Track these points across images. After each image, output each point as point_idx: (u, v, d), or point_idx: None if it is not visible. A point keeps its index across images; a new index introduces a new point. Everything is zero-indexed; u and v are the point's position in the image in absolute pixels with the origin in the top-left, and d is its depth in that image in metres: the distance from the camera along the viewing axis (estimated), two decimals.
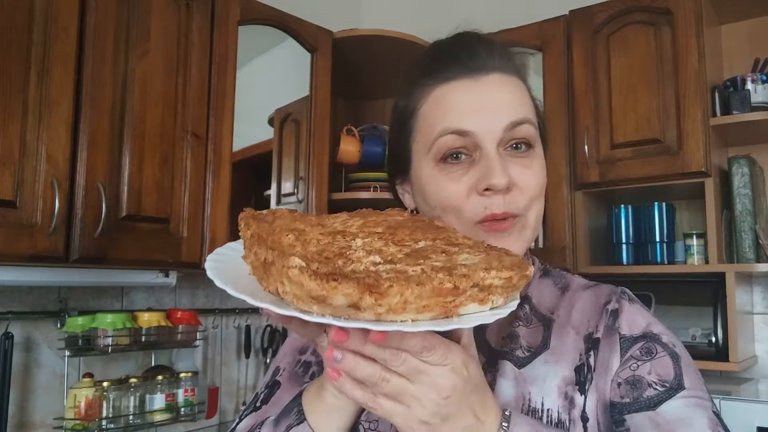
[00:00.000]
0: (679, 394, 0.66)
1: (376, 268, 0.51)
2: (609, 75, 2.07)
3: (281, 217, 0.61)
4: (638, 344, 0.70)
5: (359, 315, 0.48)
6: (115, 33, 1.62)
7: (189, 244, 1.75)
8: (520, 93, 0.72)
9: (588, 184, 2.09)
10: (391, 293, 0.47)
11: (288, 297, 0.50)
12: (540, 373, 0.70)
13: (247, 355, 2.33)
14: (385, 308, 0.48)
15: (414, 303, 0.48)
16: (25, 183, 1.43)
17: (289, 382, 0.80)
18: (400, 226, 0.62)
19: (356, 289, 0.47)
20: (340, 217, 0.64)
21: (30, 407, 1.77)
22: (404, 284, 0.48)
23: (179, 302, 2.16)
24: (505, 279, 0.53)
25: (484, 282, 0.52)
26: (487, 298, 0.53)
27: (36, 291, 1.79)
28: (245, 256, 0.58)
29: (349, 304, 0.48)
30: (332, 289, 0.47)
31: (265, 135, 2.18)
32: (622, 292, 0.77)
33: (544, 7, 2.34)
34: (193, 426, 2.11)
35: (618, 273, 2.09)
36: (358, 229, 0.60)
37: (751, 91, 1.95)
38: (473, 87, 0.70)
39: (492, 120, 0.69)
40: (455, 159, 0.70)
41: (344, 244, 0.56)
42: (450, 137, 0.69)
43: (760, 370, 2.08)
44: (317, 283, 0.47)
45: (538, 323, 0.75)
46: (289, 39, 2.11)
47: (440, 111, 0.71)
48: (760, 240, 1.93)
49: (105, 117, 1.59)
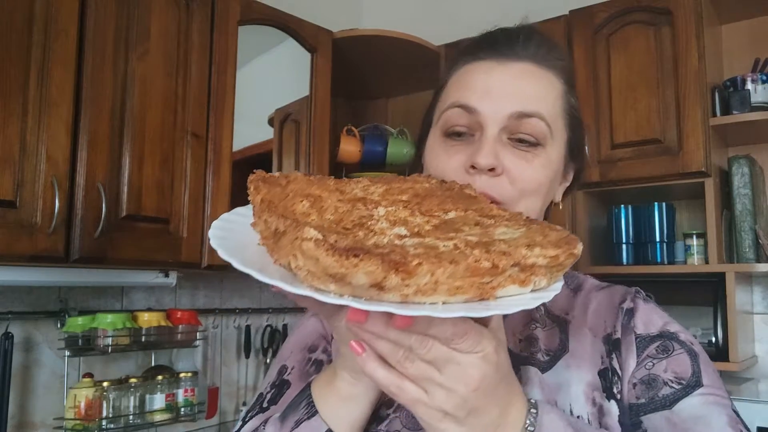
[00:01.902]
0: (696, 392, 0.63)
1: (401, 242, 0.45)
2: (609, 75, 2.07)
3: (295, 181, 0.54)
4: (655, 343, 0.68)
5: (382, 296, 0.42)
6: (115, 33, 1.62)
7: (189, 244, 1.75)
8: (546, 88, 0.69)
9: (588, 184, 2.09)
10: (420, 272, 0.41)
11: (301, 273, 0.43)
12: (564, 379, 0.67)
13: (247, 355, 2.33)
14: (412, 289, 0.42)
15: (446, 283, 0.43)
16: (25, 183, 1.43)
17: (300, 382, 0.74)
18: (428, 195, 0.56)
19: (380, 266, 0.40)
20: (362, 183, 0.58)
21: (30, 407, 1.77)
22: (435, 262, 0.42)
23: (179, 302, 2.15)
24: (551, 257, 0.47)
25: (527, 260, 0.46)
26: (529, 279, 0.46)
27: (36, 291, 1.79)
28: (254, 224, 0.51)
29: (371, 284, 0.41)
30: (353, 267, 0.40)
31: (265, 135, 2.18)
32: (636, 291, 0.75)
33: (544, 7, 2.34)
34: (193, 426, 2.11)
35: (618, 273, 2.09)
36: (381, 196, 0.54)
37: (751, 91, 1.94)
38: (495, 69, 0.69)
39: (500, 104, 0.67)
40: (458, 137, 0.69)
41: (365, 213, 0.49)
42: (456, 111, 0.68)
43: (760, 370, 2.07)
44: (335, 259, 0.40)
45: (553, 325, 0.72)
46: (289, 39, 2.11)
47: (458, 85, 0.71)
48: (760, 240, 1.92)
49: (105, 117, 1.59)
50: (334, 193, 0.53)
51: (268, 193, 0.50)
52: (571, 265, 0.50)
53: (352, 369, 0.58)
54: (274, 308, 2.43)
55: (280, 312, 2.45)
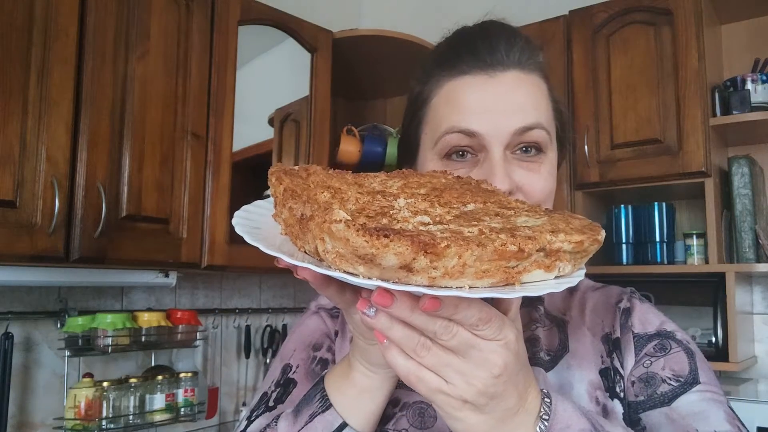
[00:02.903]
0: (694, 389, 0.65)
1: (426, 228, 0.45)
2: (609, 75, 2.07)
3: (315, 174, 0.55)
4: (653, 342, 0.69)
5: (410, 278, 0.42)
6: (115, 33, 1.62)
7: (189, 245, 1.75)
8: (536, 94, 0.69)
9: (588, 184, 2.09)
10: (448, 254, 0.41)
11: (329, 256, 0.43)
12: (566, 379, 0.68)
13: (247, 356, 2.33)
14: (440, 271, 0.42)
15: (473, 266, 0.43)
16: (25, 183, 1.43)
17: (306, 380, 0.74)
18: (446, 188, 0.56)
19: (410, 247, 0.40)
20: (379, 177, 0.59)
21: (30, 407, 1.77)
22: (463, 245, 0.42)
23: (179, 302, 2.16)
24: (575, 243, 0.47)
25: (552, 246, 0.46)
26: (554, 264, 0.47)
27: (36, 291, 1.79)
28: (276, 214, 0.52)
29: (400, 265, 0.41)
30: (383, 247, 0.40)
31: (265, 135, 2.18)
32: (632, 291, 0.76)
33: (544, 6, 2.34)
34: (193, 426, 2.11)
35: (618, 273, 2.09)
36: (399, 190, 0.55)
37: (751, 91, 1.94)
38: (486, 85, 0.67)
39: (501, 123, 0.65)
40: (460, 157, 0.67)
41: (386, 204, 0.49)
42: (456, 136, 0.66)
43: (760, 370, 2.07)
44: (366, 239, 0.40)
45: (552, 325, 0.73)
46: (289, 39, 2.11)
47: (450, 107, 0.68)
48: (760, 240, 1.92)
49: (105, 117, 1.59)
50: (353, 186, 0.53)
51: (290, 183, 0.50)
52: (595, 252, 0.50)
53: (368, 361, 0.58)
54: (273, 308, 2.43)
55: (279, 312, 2.45)
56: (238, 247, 1.82)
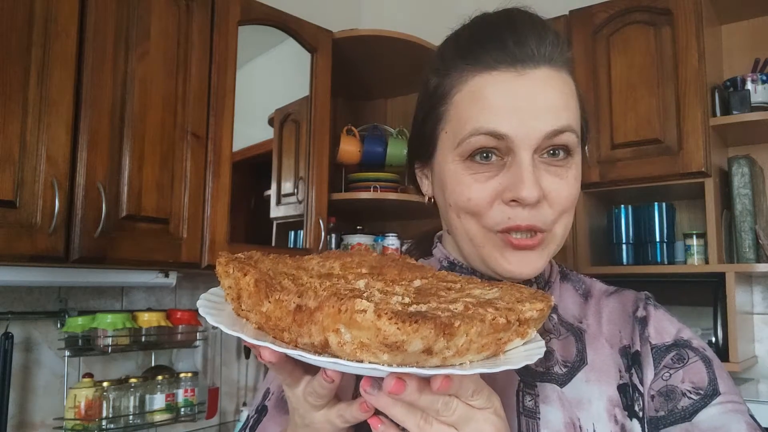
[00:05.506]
0: (714, 401, 0.63)
1: (416, 309, 0.46)
2: (609, 75, 2.07)
3: (261, 261, 0.55)
4: (671, 353, 0.67)
5: (428, 361, 0.43)
6: (115, 33, 1.62)
7: (189, 245, 1.75)
8: (567, 93, 0.64)
9: (588, 184, 2.09)
10: (459, 333, 0.43)
11: (347, 348, 0.42)
12: (584, 394, 0.65)
13: (247, 356, 2.33)
14: (452, 351, 0.44)
15: (476, 342, 0.45)
16: (25, 183, 1.43)
17: (275, 410, 0.70)
18: (383, 266, 0.57)
19: (433, 330, 0.41)
20: (314, 260, 0.59)
21: (30, 407, 1.76)
22: (468, 322, 0.43)
23: (179, 302, 2.15)
24: (539, 311, 0.51)
25: (524, 315, 0.49)
26: (526, 332, 0.50)
27: (36, 291, 1.79)
28: (242, 310, 0.49)
29: (423, 349, 0.42)
30: (413, 333, 0.40)
31: (265, 135, 2.18)
32: (647, 297, 0.74)
33: (544, 6, 2.34)
34: (193, 426, 2.11)
35: (618, 273, 2.09)
36: (342, 270, 0.55)
37: (751, 91, 1.94)
38: (516, 83, 0.61)
39: (532, 125, 0.60)
40: (485, 158, 0.62)
41: (351, 287, 0.49)
42: (482, 138, 0.61)
43: (760, 370, 2.07)
44: (398, 326, 0.40)
45: (568, 333, 0.70)
46: (289, 39, 2.11)
47: (476, 106, 0.62)
48: (760, 240, 1.92)
49: (105, 117, 1.59)
50: (301, 271, 0.54)
51: (257, 274, 0.48)
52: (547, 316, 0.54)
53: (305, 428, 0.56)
54: None
55: None
56: (238, 247, 1.82)
